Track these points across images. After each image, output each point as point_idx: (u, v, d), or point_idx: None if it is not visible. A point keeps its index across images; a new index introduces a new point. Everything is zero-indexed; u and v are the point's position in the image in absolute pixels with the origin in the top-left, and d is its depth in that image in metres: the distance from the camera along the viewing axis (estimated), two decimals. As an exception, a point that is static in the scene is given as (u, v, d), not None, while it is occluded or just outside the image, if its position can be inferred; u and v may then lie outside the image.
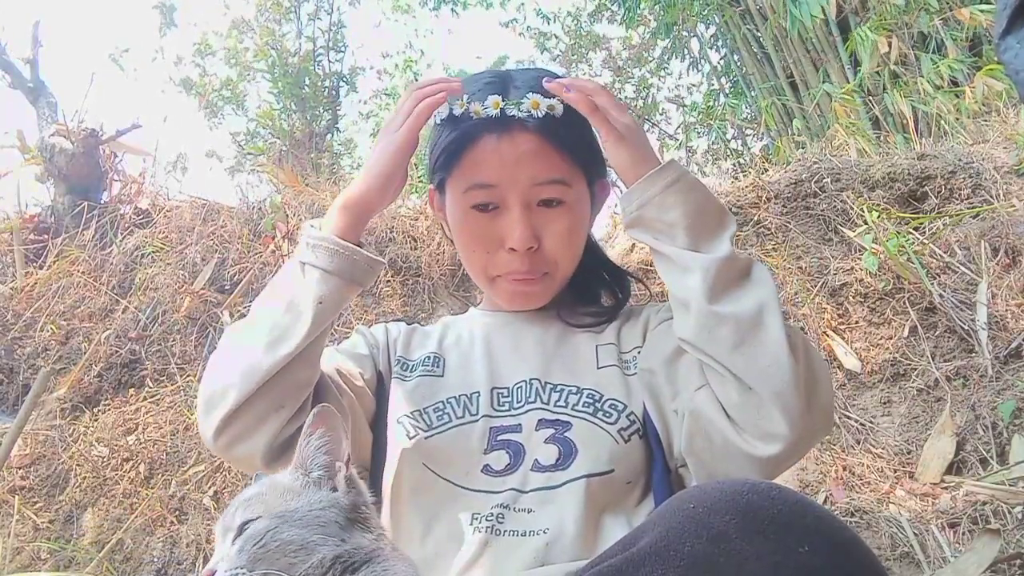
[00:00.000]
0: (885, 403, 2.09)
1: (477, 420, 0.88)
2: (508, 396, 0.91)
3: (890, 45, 3.80)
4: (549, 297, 0.98)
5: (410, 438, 0.87)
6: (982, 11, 3.59)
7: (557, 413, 0.88)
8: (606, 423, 0.86)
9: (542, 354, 0.95)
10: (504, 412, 0.90)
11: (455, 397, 0.91)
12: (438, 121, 0.94)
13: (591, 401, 0.88)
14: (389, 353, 1.00)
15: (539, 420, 0.87)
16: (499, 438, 0.87)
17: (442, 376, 0.96)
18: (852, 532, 0.57)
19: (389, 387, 0.96)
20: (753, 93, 5.40)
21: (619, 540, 0.60)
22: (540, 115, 0.88)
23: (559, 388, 0.90)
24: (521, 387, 0.92)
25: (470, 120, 0.90)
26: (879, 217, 2.39)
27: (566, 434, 0.86)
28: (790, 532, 0.52)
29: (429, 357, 0.98)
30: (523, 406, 0.89)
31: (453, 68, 10.79)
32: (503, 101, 0.88)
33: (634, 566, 0.54)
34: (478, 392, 0.91)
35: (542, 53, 9.20)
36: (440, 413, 0.90)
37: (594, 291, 1.06)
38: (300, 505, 0.63)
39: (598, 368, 0.93)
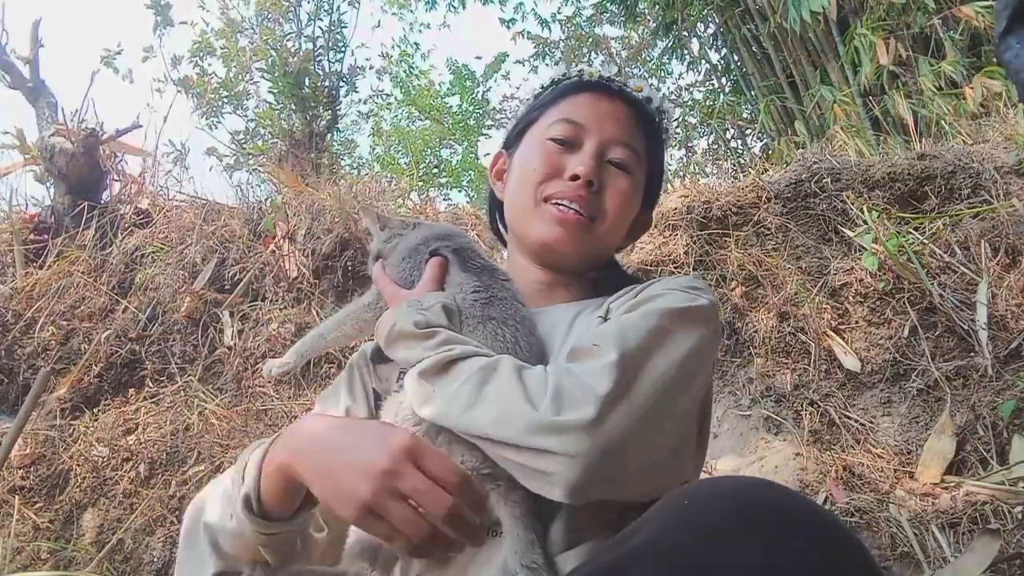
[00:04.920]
0: (885, 403, 2.09)
1: None
2: None
3: (888, 50, 3.81)
4: (580, 250, 0.98)
5: None
6: (982, 9, 3.60)
7: None
8: None
9: (552, 347, 0.94)
10: None
11: None
12: (538, 88, 1.08)
13: None
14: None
15: None
16: None
17: None
18: (847, 529, 0.57)
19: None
20: (753, 93, 5.41)
21: (613, 538, 0.61)
22: (640, 96, 1.03)
23: None
24: None
25: (579, 79, 1.04)
26: (879, 217, 2.39)
27: None
28: (785, 528, 0.52)
29: None
30: None
31: (452, 63, 10.80)
32: (614, 75, 1.03)
33: (628, 563, 0.54)
34: None
35: (544, 60, 9.21)
36: None
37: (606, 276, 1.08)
38: None
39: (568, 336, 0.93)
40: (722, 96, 6.57)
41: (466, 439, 0.76)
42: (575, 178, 0.95)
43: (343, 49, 7.24)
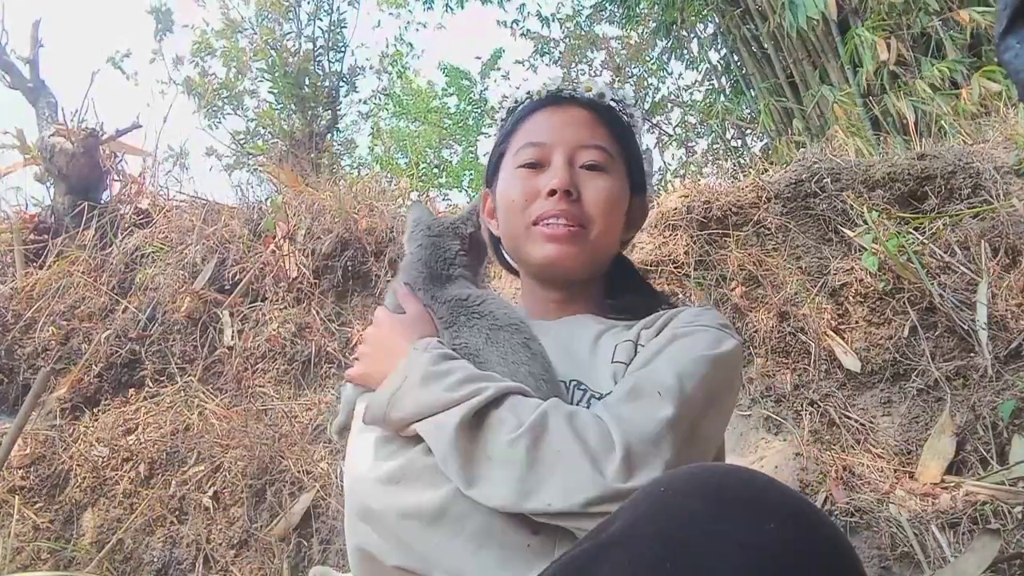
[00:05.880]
0: (885, 403, 2.09)
1: None
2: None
3: (889, 48, 3.80)
4: (581, 260, 0.99)
5: None
6: (981, 13, 3.59)
7: None
8: None
9: (575, 358, 0.94)
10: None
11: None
12: (498, 121, 1.10)
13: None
14: None
15: None
16: None
17: None
18: (818, 510, 0.59)
19: None
20: (753, 93, 5.41)
21: (594, 527, 0.62)
22: (592, 95, 1.05)
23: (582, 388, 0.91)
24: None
25: (530, 99, 1.07)
26: (879, 217, 2.39)
27: None
28: (757, 510, 0.54)
29: None
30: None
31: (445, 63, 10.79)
32: (561, 84, 1.06)
33: (606, 549, 0.56)
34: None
35: (542, 57, 9.19)
36: None
37: (628, 300, 1.08)
38: None
39: (612, 362, 0.93)
40: (722, 96, 6.57)
41: None
42: (553, 193, 0.97)
43: (343, 49, 7.26)
